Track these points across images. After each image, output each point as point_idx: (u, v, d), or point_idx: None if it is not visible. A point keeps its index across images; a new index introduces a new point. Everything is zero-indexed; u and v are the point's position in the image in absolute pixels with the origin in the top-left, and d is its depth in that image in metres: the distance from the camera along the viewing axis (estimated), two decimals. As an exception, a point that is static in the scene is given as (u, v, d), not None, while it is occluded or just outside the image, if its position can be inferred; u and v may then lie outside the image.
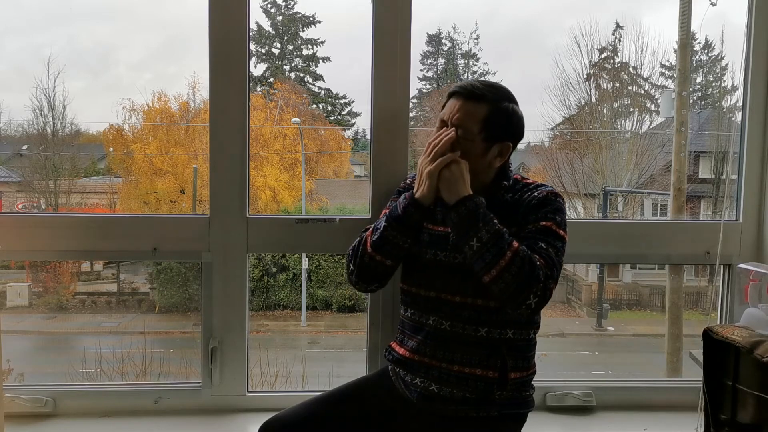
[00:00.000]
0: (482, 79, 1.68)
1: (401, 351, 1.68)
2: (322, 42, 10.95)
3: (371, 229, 1.66)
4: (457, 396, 1.58)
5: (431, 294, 1.62)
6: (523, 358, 1.62)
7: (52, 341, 7.89)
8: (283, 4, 11.10)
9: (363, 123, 11.06)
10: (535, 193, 1.59)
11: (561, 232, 1.55)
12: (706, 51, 9.41)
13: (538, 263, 1.46)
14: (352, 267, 1.66)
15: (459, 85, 1.61)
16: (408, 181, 1.75)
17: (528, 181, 1.66)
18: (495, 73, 10.59)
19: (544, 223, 1.54)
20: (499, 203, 1.60)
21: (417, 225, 1.60)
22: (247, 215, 2.07)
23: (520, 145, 1.67)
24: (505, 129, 1.60)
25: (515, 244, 1.46)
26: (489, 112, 1.57)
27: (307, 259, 7.93)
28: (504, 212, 1.57)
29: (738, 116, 2.34)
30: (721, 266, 2.23)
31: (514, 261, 1.44)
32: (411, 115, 2.10)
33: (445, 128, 1.59)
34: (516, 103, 1.62)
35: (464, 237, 1.49)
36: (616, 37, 9.30)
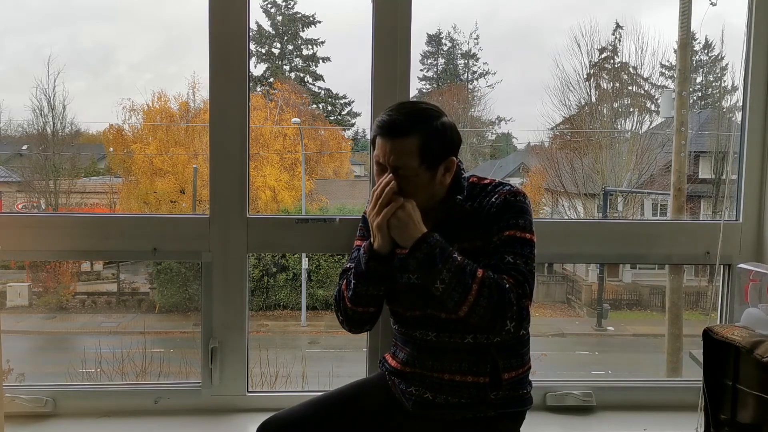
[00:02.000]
0: (400, 102, 1.61)
1: (393, 363, 1.68)
2: (322, 42, 10.97)
3: (345, 281, 1.64)
4: (451, 402, 1.58)
5: (416, 313, 1.61)
6: (516, 356, 1.60)
7: (52, 341, 7.89)
8: (283, 4, 11.11)
9: (363, 123, 11.09)
10: (493, 198, 1.54)
11: (527, 235, 1.52)
12: (706, 51, 9.42)
13: (507, 286, 1.44)
14: (340, 317, 1.67)
15: (380, 124, 1.52)
16: (366, 212, 1.69)
17: (485, 182, 1.61)
18: (495, 73, 10.61)
19: (507, 232, 1.50)
20: (459, 215, 1.57)
21: (384, 274, 1.58)
22: (247, 215, 2.06)
23: (520, 145, 1.66)
24: (443, 148, 1.53)
25: (479, 273, 1.44)
26: (422, 142, 1.49)
27: (307, 259, 7.93)
28: (466, 222, 1.55)
29: (738, 116, 2.34)
30: (721, 266, 2.22)
31: (481, 293, 1.43)
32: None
33: (384, 173, 1.53)
34: (442, 114, 1.55)
35: (428, 280, 1.48)
36: (616, 37, 9.32)
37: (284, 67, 11.02)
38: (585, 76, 9.15)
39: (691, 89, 7.56)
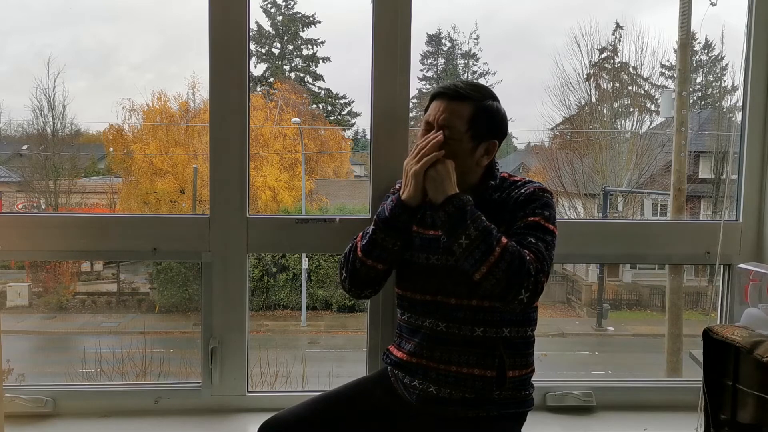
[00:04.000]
0: (465, 80, 1.68)
1: (399, 354, 1.68)
2: (322, 42, 10.97)
3: (361, 234, 1.66)
4: (455, 397, 1.58)
5: (427, 297, 1.62)
6: (521, 356, 1.61)
7: (52, 341, 7.89)
8: (283, 4, 11.11)
9: (363, 123, 11.09)
10: (522, 190, 1.59)
11: (550, 226, 1.55)
12: (706, 51, 9.41)
13: (527, 258, 1.46)
14: (345, 274, 1.67)
15: (442, 86, 1.61)
16: (397, 186, 1.73)
17: (515, 178, 1.65)
18: (495, 73, 10.61)
19: (532, 218, 1.54)
20: (487, 203, 1.59)
21: (405, 227, 1.61)
22: (247, 215, 2.06)
23: (520, 145, 1.68)
24: (491, 127, 1.60)
25: (504, 240, 1.46)
26: (474, 111, 1.57)
27: (307, 259, 7.93)
28: (492, 211, 1.57)
29: (738, 116, 2.34)
30: (721, 266, 2.22)
31: (503, 256, 1.44)
32: (411, 115, 2.09)
33: (432, 131, 1.59)
34: (498, 101, 1.62)
35: (453, 235, 1.49)
36: (616, 37, 9.31)
37: (284, 67, 11.02)
38: (585, 76, 9.15)
39: (691, 89, 7.56)
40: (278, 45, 11.01)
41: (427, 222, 1.61)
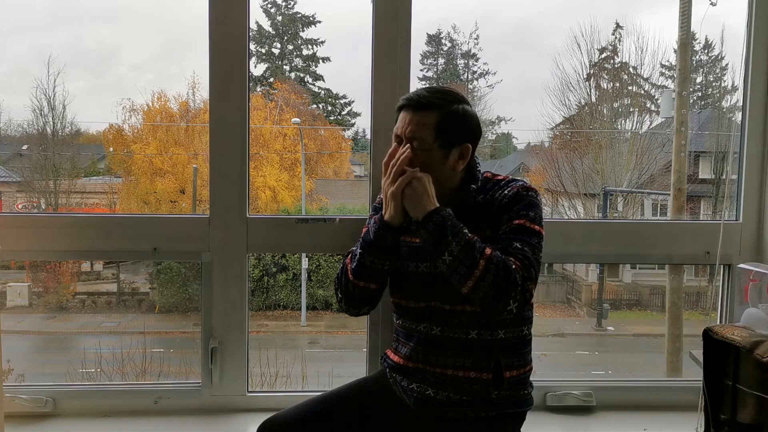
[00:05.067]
0: (429, 86, 1.66)
1: (396, 358, 1.68)
2: (322, 42, 10.99)
3: (350, 255, 1.66)
4: (453, 399, 1.58)
5: (420, 304, 1.62)
6: (519, 355, 1.61)
7: (52, 341, 7.89)
8: (283, 4, 11.12)
9: (363, 123, 11.10)
10: (506, 191, 1.57)
11: (536, 227, 1.53)
12: (706, 51, 9.42)
13: (513, 267, 1.45)
14: (340, 295, 1.67)
15: (405, 97, 1.59)
16: (381, 196, 1.71)
17: (499, 177, 1.64)
18: (495, 73, 10.63)
19: (517, 221, 1.53)
20: (471, 206, 1.59)
21: (391, 247, 1.60)
22: (247, 215, 2.06)
23: (520, 145, 1.67)
24: (460, 131, 1.57)
25: (488, 251, 1.45)
26: (440, 118, 1.55)
27: (307, 259, 7.93)
28: (477, 215, 1.56)
29: (738, 116, 2.34)
30: (721, 266, 2.22)
31: (488, 269, 1.43)
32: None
33: (401, 145, 1.57)
34: (467, 103, 1.60)
35: (436, 252, 1.49)
36: (616, 37, 9.32)
37: (284, 67, 11.03)
38: (585, 76, 9.16)
39: (691, 89, 7.56)
40: (278, 45, 11.02)
41: (412, 230, 1.59)
